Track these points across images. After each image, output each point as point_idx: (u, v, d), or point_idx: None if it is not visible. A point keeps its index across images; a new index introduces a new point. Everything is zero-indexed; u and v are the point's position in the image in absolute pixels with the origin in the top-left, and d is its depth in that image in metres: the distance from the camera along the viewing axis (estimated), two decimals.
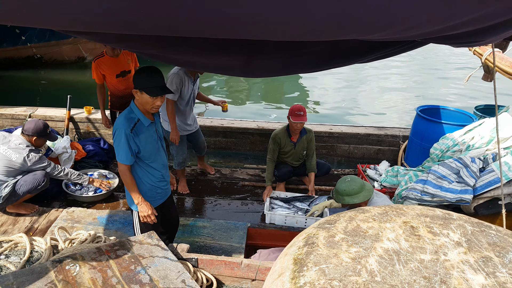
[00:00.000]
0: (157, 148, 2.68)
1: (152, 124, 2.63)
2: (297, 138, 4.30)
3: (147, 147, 2.59)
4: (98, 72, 4.15)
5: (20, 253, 2.60)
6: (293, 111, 4.07)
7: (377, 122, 7.98)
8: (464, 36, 1.65)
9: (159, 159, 2.71)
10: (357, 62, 2.49)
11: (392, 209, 1.69)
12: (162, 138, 2.78)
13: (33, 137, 3.72)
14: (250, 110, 8.81)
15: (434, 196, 3.43)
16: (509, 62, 2.87)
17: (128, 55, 4.28)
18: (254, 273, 2.59)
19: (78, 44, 10.65)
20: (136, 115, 2.54)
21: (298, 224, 3.85)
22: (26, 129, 3.72)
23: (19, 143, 3.64)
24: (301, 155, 4.43)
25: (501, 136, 3.50)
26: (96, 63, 4.14)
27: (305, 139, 4.35)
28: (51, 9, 1.19)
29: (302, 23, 1.29)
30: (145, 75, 2.47)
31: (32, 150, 3.67)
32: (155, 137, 2.66)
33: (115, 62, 4.15)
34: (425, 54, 13.14)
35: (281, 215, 3.87)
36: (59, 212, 3.78)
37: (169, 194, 2.97)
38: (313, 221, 3.81)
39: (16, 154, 3.58)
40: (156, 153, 2.68)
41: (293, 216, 3.86)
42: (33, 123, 3.76)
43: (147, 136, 2.58)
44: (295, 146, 4.33)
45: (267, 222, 3.90)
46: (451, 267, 1.34)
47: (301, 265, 1.38)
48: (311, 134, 4.38)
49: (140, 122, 2.54)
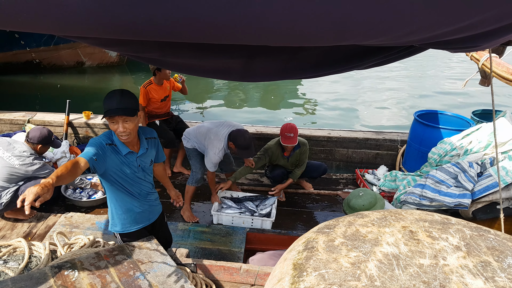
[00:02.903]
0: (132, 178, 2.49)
1: (132, 154, 2.43)
2: (289, 153, 4.29)
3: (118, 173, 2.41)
4: (147, 97, 4.60)
5: (18, 259, 2.59)
6: (284, 132, 4.04)
7: (375, 126, 8.01)
8: (461, 42, 1.67)
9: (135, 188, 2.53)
10: (356, 68, 2.50)
11: (391, 213, 1.70)
12: (147, 170, 2.57)
13: (38, 145, 3.75)
14: (248, 114, 8.83)
15: (432, 201, 3.44)
16: (506, 68, 2.90)
17: (167, 82, 4.75)
18: (253, 278, 2.58)
19: (77, 49, 10.68)
20: (114, 141, 2.39)
21: (245, 224, 3.88)
22: (32, 137, 3.74)
23: (23, 151, 3.65)
24: (295, 165, 4.45)
25: (498, 141, 3.51)
26: (146, 90, 4.56)
27: (298, 153, 4.33)
28: (51, 14, 1.20)
29: (301, 29, 1.30)
30: (105, 99, 2.27)
31: (36, 158, 3.69)
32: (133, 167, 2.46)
33: (161, 89, 4.65)
34: (423, 59, 13.20)
35: (228, 215, 3.89)
36: (58, 217, 3.77)
37: (156, 218, 2.78)
38: (259, 221, 3.87)
39: (20, 161, 3.59)
40: (130, 183, 2.49)
41: (239, 216, 3.88)
42: (38, 131, 3.78)
43: (121, 163, 2.39)
44: (288, 159, 4.34)
45: (214, 222, 3.93)
46: (450, 271, 1.34)
47: (300, 270, 1.38)
48: (304, 147, 4.32)
49: (117, 147, 2.38)
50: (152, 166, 2.63)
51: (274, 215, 3.88)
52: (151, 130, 2.66)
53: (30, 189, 1.78)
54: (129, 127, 2.29)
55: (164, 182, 2.97)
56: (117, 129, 2.28)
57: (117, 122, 2.26)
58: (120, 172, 2.42)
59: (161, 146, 2.72)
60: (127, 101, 2.26)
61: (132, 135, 2.35)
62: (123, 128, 2.27)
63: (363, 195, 2.79)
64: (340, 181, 4.99)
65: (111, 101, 2.24)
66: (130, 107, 2.27)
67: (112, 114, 2.23)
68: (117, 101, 2.23)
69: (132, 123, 2.29)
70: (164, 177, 2.96)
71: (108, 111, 2.24)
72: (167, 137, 4.71)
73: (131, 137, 2.35)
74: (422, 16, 1.27)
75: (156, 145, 2.64)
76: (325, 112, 9.12)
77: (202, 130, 3.91)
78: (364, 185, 4.64)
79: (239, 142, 3.61)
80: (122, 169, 2.41)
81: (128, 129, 2.29)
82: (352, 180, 5.00)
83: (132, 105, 2.29)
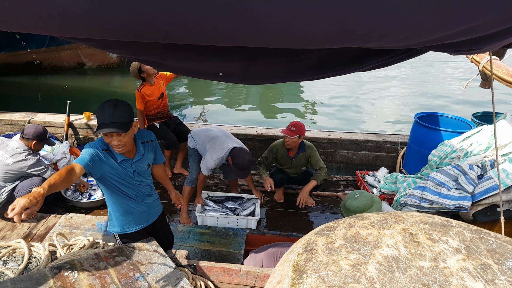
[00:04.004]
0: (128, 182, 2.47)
1: (127, 161, 2.41)
2: (294, 154, 4.26)
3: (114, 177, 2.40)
4: (144, 100, 4.53)
5: (18, 259, 2.59)
6: (289, 125, 4.10)
7: (376, 128, 8.01)
8: (462, 44, 1.67)
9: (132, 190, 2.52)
10: (357, 70, 2.50)
11: (391, 216, 1.69)
12: (143, 174, 2.55)
13: (33, 141, 3.73)
14: (249, 116, 8.84)
15: (432, 203, 3.43)
16: (506, 70, 2.90)
17: (160, 78, 4.68)
18: (253, 280, 2.58)
19: (77, 50, 10.69)
20: (110, 147, 2.34)
21: (230, 224, 3.90)
22: (26, 133, 3.73)
23: (16, 147, 3.64)
24: (299, 170, 4.42)
25: (499, 143, 3.51)
26: (141, 93, 4.48)
27: (303, 156, 4.30)
28: (52, 15, 1.20)
29: (302, 31, 1.30)
30: (98, 111, 2.22)
31: (30, 154, 3.67)
32: (129, 173, 2.45)
33: (155, 88, 4.59)
34: (424, 61, 13.21)
35: (212, 216, 3.90)
36: (58, 218, 3.76)
37: (155, 219, 2.77)
38: (244, 221, 3.90)
39: (13, 158, 3.58)
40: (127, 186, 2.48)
41: (225, 216, 3.90)
42: (33, 128, 3.77)
43: (116, 168, 2.38)
44: (291, 161, 4.32)
45: (199, 224, 3.93)
46: (450, 274, 1.34)
47: (300, 272, 1.38)
48: (310, 150, 4.27)
49: (112, 153, 2.36)
50: (149, 169, 2.61)
51: (259, 214, 3.93)
52: (149, 133, 2.63)
53: (19, 200, 1.76)
54: (123, 140, 2.24)
55: (165, 183, 2.96)
56: (111, 142, 2.24)
57: (111, 135, 2.22)
58: (116, 176, 2.41)
59: (159, 148, 2.70)
60: (120, 114, 2.19)
61: (127, 147, 2.31)
62: (117, 141, 2.23)
63: (359, 197, 2.81)
64: (341, 183, 4.99)
65: (103, 115, 2.18)
66: (124, 120, 2.20)
67: (104, 131, 2.18)
68: (110, 115, 2.17)
69: (126, 136, 2.25)
70: (165, 179, 2.94)
71: (101, 126, 2.19)
72: (168, 139, 4.71)
73: (126, 148, 2.32)
74: (423, 19, 1.27)
75: (153, 148, 2.61)
76: (326, 114, 9.13)
77: (210, 134, 3.92)
78: (364, 187, 4.64)
79: (237, 161, 3.63)
80: (118, 174, 2.40)
81: (122, 142, 2.25)
82: (353, 182, 5.00)
83: (125, 118, 2.22)
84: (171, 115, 4.99)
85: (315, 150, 4.33)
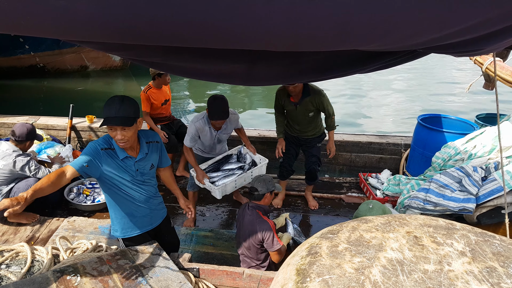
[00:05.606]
0: (130, 182, 2.47)
1: (129, 159, 2.42)
2: (298, 99, 3.82)
3: (115, 177, 2.40)
4: (150, 102, 4.59)
5: (21, 263, 2.59)
6: None
7: (379, 130, 7.99)
8: (465, 45, 1.66)
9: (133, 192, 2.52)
10: (358, 72, 2.49)
11: (395, 219, 1.68)
12: (147, 174, 2.54)
13: (27, 142, 3.74)
14: (251, 117, 8.83)
15: (436, 205, 3.41)
16: (510, 71, 2.88)
17: (167, 86, 4.80)
18: (256, 284, 2.57)
19: (81, 53, 10.74)
20: (113, 144, 2.39)
21: (246, 181, 3.79)
22: (20, 135, 3.69)
23: (6, 149, 3.64)
24: (304, 118, 3.98)
25: (503, 145, 3.49)
26: (147, 94, 4.55)
27: (308, 102, 3.81)
28: (54, 18, 1.20)
29: (302, 33, 1.30)
30: (105, 105, 2.27)
31: (20, 155, 3.66)
32: (131, 172, 2.45)
33: (161, 93, 4.67)
34: (427, 63, 13.19)
35: (231, 182, 3.67)
36: (60, 221, 3.77)
37: (159, 223, 2.75)
38: (256, 170, 3.80)
39: (4, 161, 3.59)
40: (129, 187, 2.48)
41: (240, 176, 3.71)
42: (25, 128, 3.72)
43: (118, 167, 2.39)
44: (296, 107, 3.88)
45: (219, 198, 3.67)
46: (455, 277, 1.33)
47: (304, 276, 1.37)
48: (317, 97, 3.80)
49: (114, 151, 2.38)
50: (153, 170, 2.60)
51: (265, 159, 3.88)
52: (154, 134, 2.63)
53: (3, 201, 1.88)
54: (127, 134, 2.29)
55: (173, 189, 2.88)
56: (115, 136, 2.29)
57: (115, 129, 2.27)
58: (117, 176, 2.41)
59: (165, 150, 2.69)
60: (126, 110, 2.25)
61: (130, 142, 2.35)
62: (121, 136, 2.27)
63: (372, 208, 2.75)
64: (343, 185, 4.97)
65: (110, 109, 2.24)
66: (129, 116, 2.26)
67: (109, 124, 2.24)
68: (116, 110, 2.23)
69: (130, 131, 2.29)
70: (172, 184, 2.87)
71: (106, 120, 2.24)
72: (169, 142, 4.71)
73: (130, 143, 2.35)
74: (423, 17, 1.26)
75: (158, 149, 2.61)
76: None
77: None
78: (367, 189, 4.62)
79: (210, 101, 3.45)
80: (119, 173, 2.41)
81: (126, 137, 2.29)
82: (356, 184, 4.98)
83: (131, 113, 2.28)
84: (174, 118, 5.00)
85: (323, 95, 3.88)
